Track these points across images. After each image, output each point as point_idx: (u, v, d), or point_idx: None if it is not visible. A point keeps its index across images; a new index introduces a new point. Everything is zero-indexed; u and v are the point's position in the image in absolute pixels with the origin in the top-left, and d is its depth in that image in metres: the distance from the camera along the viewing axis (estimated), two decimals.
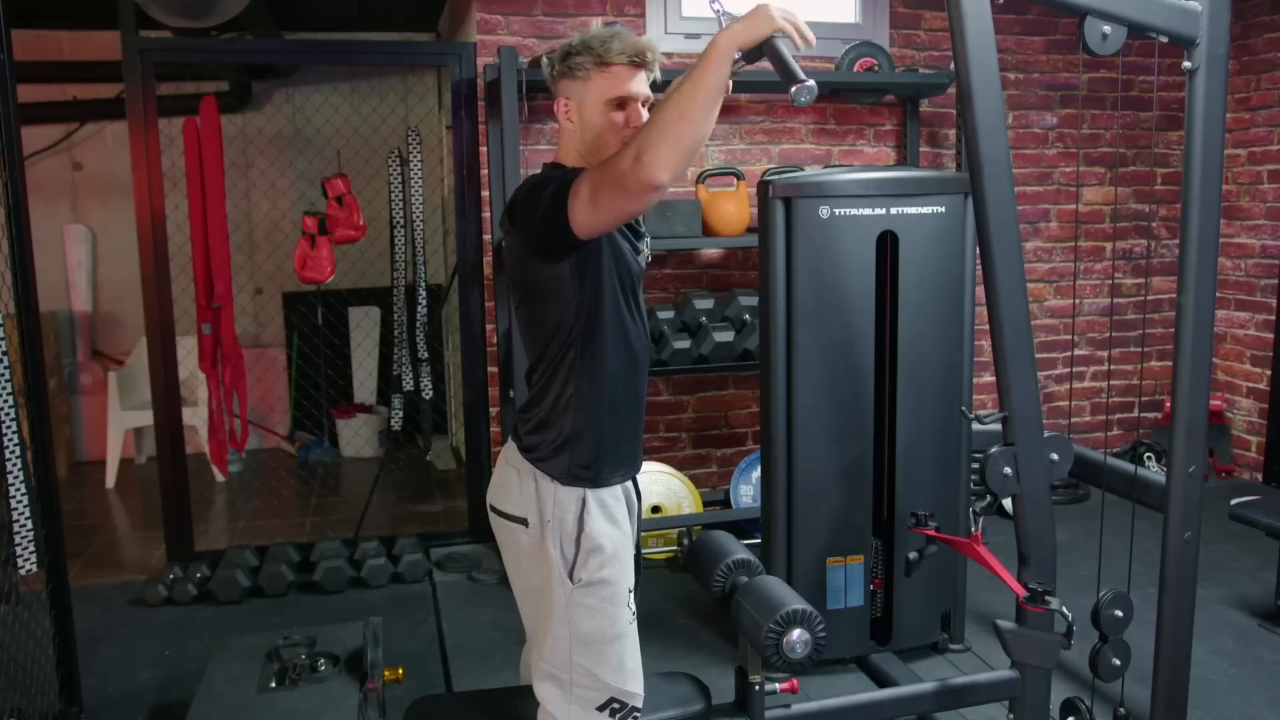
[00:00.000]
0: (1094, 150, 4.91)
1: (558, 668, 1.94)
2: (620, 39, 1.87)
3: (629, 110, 1.90)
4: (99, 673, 3.19)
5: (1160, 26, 2.20)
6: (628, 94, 1.88)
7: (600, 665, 1.93)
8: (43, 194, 5.61)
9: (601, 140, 1.90)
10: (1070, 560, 3.45)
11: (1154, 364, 5.15)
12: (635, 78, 1.89)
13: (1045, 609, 2.21)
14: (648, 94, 1.92)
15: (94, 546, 4.46)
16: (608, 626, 1.94)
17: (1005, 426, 2.24)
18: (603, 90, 1.88)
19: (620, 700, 1.95)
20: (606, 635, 1.93)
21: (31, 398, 2.78)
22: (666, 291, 4.40)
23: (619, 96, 1.88)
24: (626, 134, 1.88)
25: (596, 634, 1.93)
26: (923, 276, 3.02)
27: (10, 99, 2.66)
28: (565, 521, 1.92)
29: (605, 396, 1.93)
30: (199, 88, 5.25)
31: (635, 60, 1.88)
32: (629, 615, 1.96)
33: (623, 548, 1.97)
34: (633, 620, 1.98)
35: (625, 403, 1.97)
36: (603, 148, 1.89)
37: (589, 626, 1.93)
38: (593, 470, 1.93)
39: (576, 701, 1.94)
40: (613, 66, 1.87)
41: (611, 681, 1.94)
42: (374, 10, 5.36)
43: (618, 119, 1.90)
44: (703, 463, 4.55)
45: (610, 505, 1.96)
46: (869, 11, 4.49)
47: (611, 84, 1.88)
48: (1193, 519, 2.38)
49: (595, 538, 1.91)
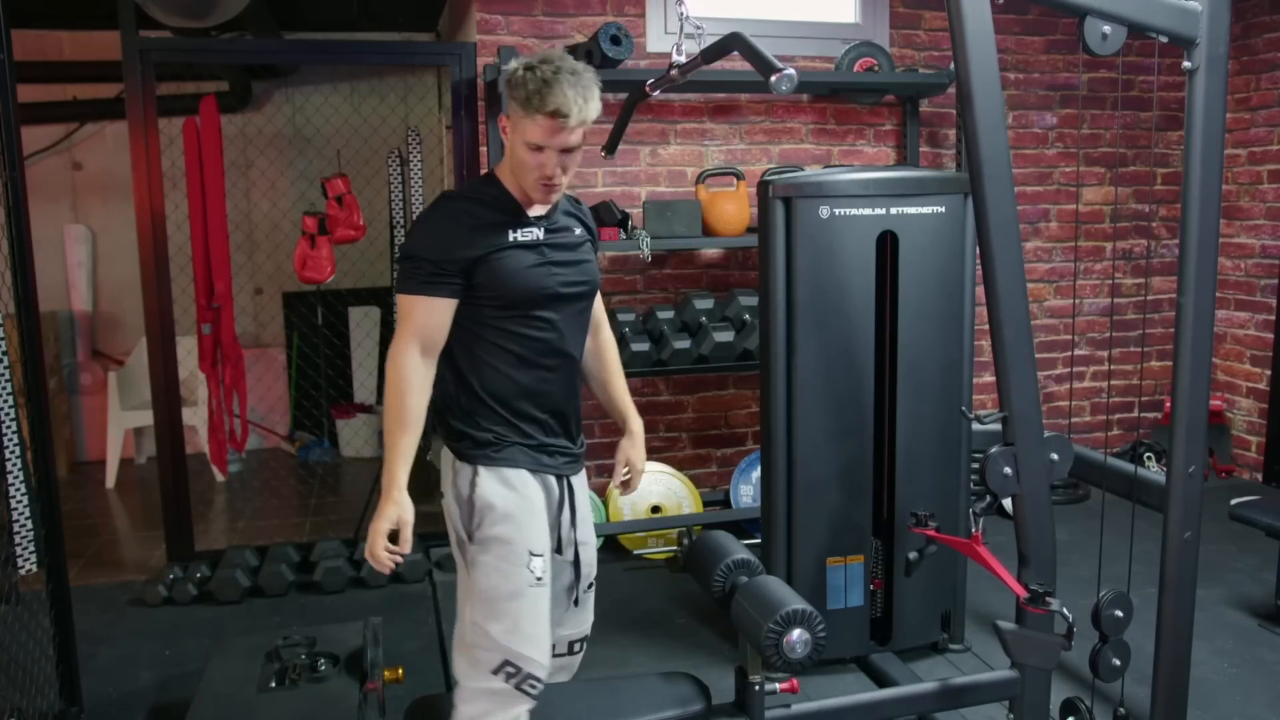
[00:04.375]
0: (1094, 150, 4.91)
1: (463, 631, 2.05)
2: (551, 94, 1.92)
3: (544, 157, 1.97)
4: (99, 673, 3.18)
5: (1160, 26, 2.20)
6: (545, 144, 1.96)
7: (494, 623, 2.01)
8: (43, 194, 5.61)
9: (521, 171, 2.02)
10: (1070, 560, 3.46)
11: (1154, 364, 5.15)
12: (557, 133, 1.94)
13: (1045, 609, 2.21)
14: (570, 144, 1.97)
15: (94, 546, 4.46)
16: (502, 583, 2.01)
17: (1005, 426, 2.24)
18: (526, 131, 1.97)
19: (515, 664, 2.01)
20: (501, 593, 2.01)
21: (31, 398, 2.78)
22: (667, 291, 4.40)
23: (536, 143, 1.96)
24: (540, 177, 2.00)
25: (491, 591, 2.02)
26: (923, 276, 3.02)
27: (10, 99, 2.66)
28: (461, 487, 2.08)
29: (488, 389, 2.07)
30: (199, 88, 5.25)
31: (568, 125, 1.94)
32: (529, 578, 2.02)
33: (521, 511, 2.06)
34: (535, 585, 2.03)
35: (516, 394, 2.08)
36: (521, 176, 2.02)
37: (484, 584, 2.02)
38: (483, 450, 2.07)
39: (475, 665, 2.03)
40: (536, 116, 1.94)
41: (504, 641, 2.00)
42: (374, 10, 5.36)
43: (531, 161, 1.98)
44: (703, 463, 4.55)
45: (509, 477, 2.08)
46: (869, 11, 4.49)
47: (532, 130, 1.96)
48: (1193, 519, 2.38)
49: (486, 497, 2.04)
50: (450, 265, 1.98)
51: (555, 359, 2.11)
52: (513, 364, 2.07)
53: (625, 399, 2.38)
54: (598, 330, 2.34)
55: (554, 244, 2.08)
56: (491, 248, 2.00)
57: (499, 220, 2.03)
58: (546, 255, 2.06)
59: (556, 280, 2.07)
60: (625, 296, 4.34)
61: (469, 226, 2.01)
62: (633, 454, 2.36)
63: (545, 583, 2.06)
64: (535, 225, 2.06)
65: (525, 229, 2.05)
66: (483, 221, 2.02)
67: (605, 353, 2.37)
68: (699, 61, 2.58)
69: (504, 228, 2.02)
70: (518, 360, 2.07)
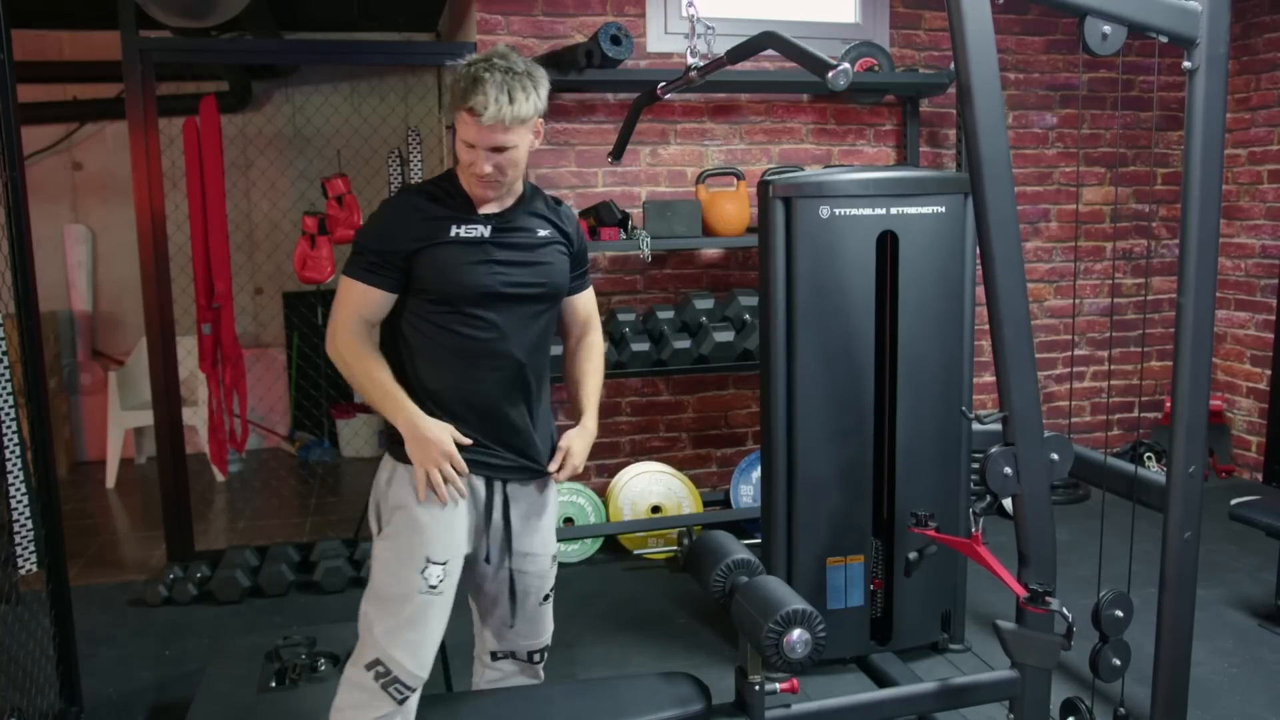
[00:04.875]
0: (1094, 150, 4.91)
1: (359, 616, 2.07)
2: (472, 91, 1.91)
3: (474, 154, 1.97)
4: (99, 673, 3.18)
5: (1160, 26, 2.20)
6: (473, 141, 1.96)
7: (379, 620, 2.03)
8: (43, 194, 5.61)
9: (459, 166, 2.03)
10: (1070, 560, 3.45)
11: (1154, 364, 5.15)
12: (490, 132, 1.93)
13: (1045, 609, 2.21)
14: (497, 143, 1.95)
15: (94, 546, 4.46)
16: (392, 583, 2.03)
17: (1005, 426, 2.24)
18: (460, 130, 1.98)
19: (385, 665, 2.02)
20: (390, 593, 2.03)
21: (31, 397, 2.78)
22: (667, 291, 4.40)
23: (465, 140, 1.97)
24: (470, 174, 1.99)
25: (383, 588, 2.04)
26: (923, 276, 3.02)
27: (10, 99, 2.66)
28: (380, 481, 2.10)
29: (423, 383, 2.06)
30: (199, 88, 5.25)
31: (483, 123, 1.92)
32: (421, 584, 2.01)
33: (428, 515, 2.03)
34: (427, 593, 2.02)
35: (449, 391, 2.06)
36: (463, 173, 2.03)
37: (378, 579, 2.05)
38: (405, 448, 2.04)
39: (357, 654, 2.06)
40: (461, 113, 1.95)
41: (381, 641, 2.02)
42: (374, 10, 5.36)
43: (464, 158, 1.99)
44: (703, 463, 4.55)
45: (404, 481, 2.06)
46: (869, 11, 4.49)
47: (462, 127, 1.97)
48: (1193, 519, 2.38)
49: (398, 496, 2.04)
50: (393, 257, 2.00)
51: (493, 360, 2.06)
52: (447, 360, 2.05)
53: (591, 398, 2.28)
54: (585, 334, 2.31)
55: (503, 243, 2.05)
56: (430, 241, 2.00)
57: (445, 214, 2.03)
58: (490, 253, 2.03)
59: (498, 279, 2.03)
60: (625, 296, 4.34)
61: (415, 219, 2.01)
62: (576, 442, 2.22)
63: (441, 591, 2.04)
64: (483, 222, 2.04)
65: (470, 225, 2.03)
66: (429, 215, 2.02)
67: (586, 352, 2.31)
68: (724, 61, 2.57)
69: (448, 222, 2.02)
70: (452, 357, 2.05)
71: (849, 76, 2.13)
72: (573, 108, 4.20)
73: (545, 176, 4.19)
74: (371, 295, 2.03)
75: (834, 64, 2.14)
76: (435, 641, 2.07)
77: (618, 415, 4.42)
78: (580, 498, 4.18)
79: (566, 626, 3.50)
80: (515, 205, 2.09)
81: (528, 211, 2.11)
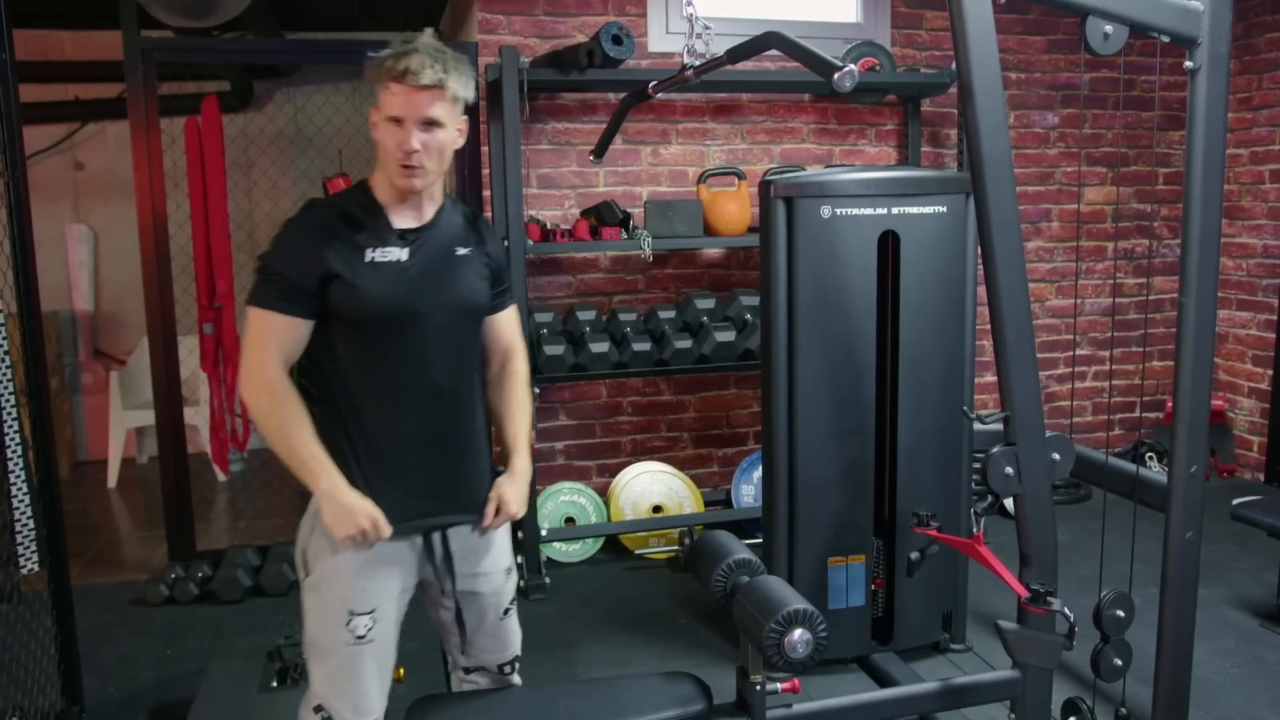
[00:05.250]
0: (1095, 150, 4.91)
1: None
2: (404, 56, 1.80)
3: (403, 132, 1.83)
4: (100, 672, 3.19)
5: (1162, 26, 2.19)
6: (402, 114, 1.83)
7: (314, 666, 1.99)
8: (44, 194, 5.61)
9: (384, 155, 1.87)
10: (1072, 560, 3.45)
11: (1155, 364, 5.15)
12: (416, 101, 1.82)
13: (1047, 609, 2.21)
14: (431, 116, 1.83)
15: (95, 546, 4.46)
16: (321, 636, 1.96)
17: (1007, 426, 2.24)
18: (385, 105, 1.84)
19: (327, 712, 1.99)
20: (321, 645, 1.96)
21: (33, 397, 2.78)
22: (668, 291, 4.40)
23: (393, 115, 1.83)
24: (398, 157, 1.84)
25: (312, 636, 1.98)
26: (924, 276, 3.02)
27: (12, 98, 2.66)
28: (303, 528, 2.00)
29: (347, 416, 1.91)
30: (200, 87, 5.25)
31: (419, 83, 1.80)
32: (348, 637, 1.92)
33: (348, 570, 1.92)
34: (355, 644, 1.93)
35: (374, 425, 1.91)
36: (386, 163, 1.88)
37: (308, 627, 1.98)
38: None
39: (308, 691, 2.02)
40: (393, 86, 1.82)
41: (319, 688, 1.99)
42: (375, 10, 5.36)
43: (390, 140, 1.85)
44: (704, 462, 4.55)
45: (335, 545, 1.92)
46: (870, 11, 4.49)
47: (388, 101, 1.84)
48: (1194, 519, 2.38)
49: (319, 548, 1.94)
50: (308, 282, 1.84)
51: (415, 388, 1.92)
52: (371, 391, 1.91)
53: (519, 436, 2.12)
54: (508, 360, 2.15)
55: (421, 263, 1.91)
56: (346, 267, 1.84)
57: (359, 235, 1.87)
58: (407, 275, 1.89)
59: (416, 302, 1.89)
60: (627, 296, 4.34)
61: (329, 241, 1.86)
62: (508, 490, 2.06)
63: (371, 639, 1.94)
64: (398, 242, 1.90)
65: (385, 247, 1.88)
66: (342, 236, 1.87)
67: (509, 383, 2.15)
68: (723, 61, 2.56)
69: (363, 245, 1.87)
70: (377, 386, 1.90)
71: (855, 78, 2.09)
72: (574, 107, 4.20)
73: (546, 176, 4.19)
74: (292, 326, 1.86)
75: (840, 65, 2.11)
76: (378, 683, 2.00)
77: (619, 415, 4.42)
78: (581, 497, 4.18)
79: (567, 626, 3.51)
80: (435, 218, 1.96)
81: (447, 226, 1.98)
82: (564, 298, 4.25)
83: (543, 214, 4.13)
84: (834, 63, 2.12)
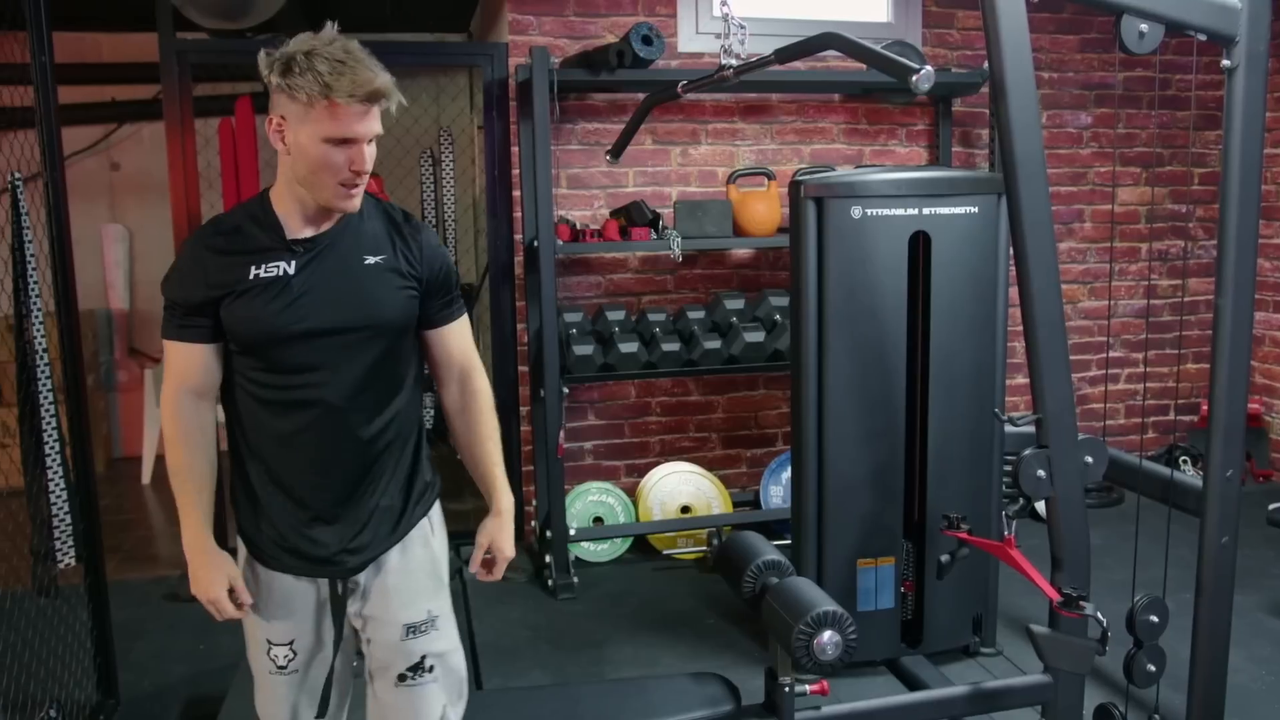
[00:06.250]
0: (1130, 150, 4.85)
1: None
2: (353, 75, 1.62)
3: (353, 151, 1.67)
4: (135, 666, 3.22)
5: (1199, 24, 2.17)
6: (353, 135, 1.66)
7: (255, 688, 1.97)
8: (81, 194, 5.67)
9: (317, 178, 1.69)
10: (1104, 564, 3.41)
11: (1190, 366, 5.09)
12: (365, 117, 1.66)
13: (1079, 614, 2.19)
14: (376, 130, 1.69)
15: (130, 541, 4.52)
16: (251, 658, 1.93)
17: (1039, 428, 2.22)
18: (324, 127, 1.64)
19: None
20: (252, 666, 1.94)
21: (70, 394, 2.82)
22: (697, 291, 4.39)
23: (343, 137, 1.65)
24: (346, 177, 1.68)
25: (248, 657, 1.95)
26: (955, 277, 3.00)
27: (51, 101, 2.70)
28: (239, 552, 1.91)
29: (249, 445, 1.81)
30: (234, 88, 5.30)
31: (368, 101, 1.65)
32: (269, 665, 1.88)
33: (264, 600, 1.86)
34: (276, 673, 1.88)
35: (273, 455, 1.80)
36: (318, 186, 1.69)
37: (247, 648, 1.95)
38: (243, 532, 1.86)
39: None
40: (339, 105, 1.63)
41: (257, 709, 1.97)
42: (406, 10, 5.39)
43: (338, 159, 1.66)
44: (732, 463, 4.55)
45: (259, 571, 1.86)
46: (901, 10, 4.47)
47: (336, 124, 1.64)
48: (1230, 523, 2.35)
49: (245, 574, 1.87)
50: (199, 307, 1.73)
51: (311, 413, 1.76)
52: (264, 419, 1.78)
53: (494, 470, 1.92)
54: (465, 380, 1.92)
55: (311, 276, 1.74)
56: (229, 288, 1.71)
57: (245, 253, 1.73)
58: (292, 291, 1.72)
59: (298, 320, 1.72)
60: (656, 296, 4.34)
61: (212, 264, 1.73)
62: (498, 536, 1.91)
63: (294, 669, 1.87)
64: (288, 256, 1.73)
65: (272, 263, 1.72)
66: (227, 258, 1.73)
67: (472, 409, 1.92)
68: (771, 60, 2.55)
69: (248, 263, 1.72)
70: (269, 415, 1.78)
71: (932, 79, 2.04)
72: (604, 108, 4.20)
73: (576, 176, 4.20)
74: (193, 355, 1.75)
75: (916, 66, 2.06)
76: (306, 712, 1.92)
77: (648, 415, 4.42)
78: (610, 497, 4.18)
79: (595, 625, 3.51)
80: (336, 226, 1.77)
81: (353, 232, 1.78)
82: (593, 298, 4.26)
83: (572, 214, 4.14)
84: (909, 64, 2.07)
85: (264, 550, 1.84)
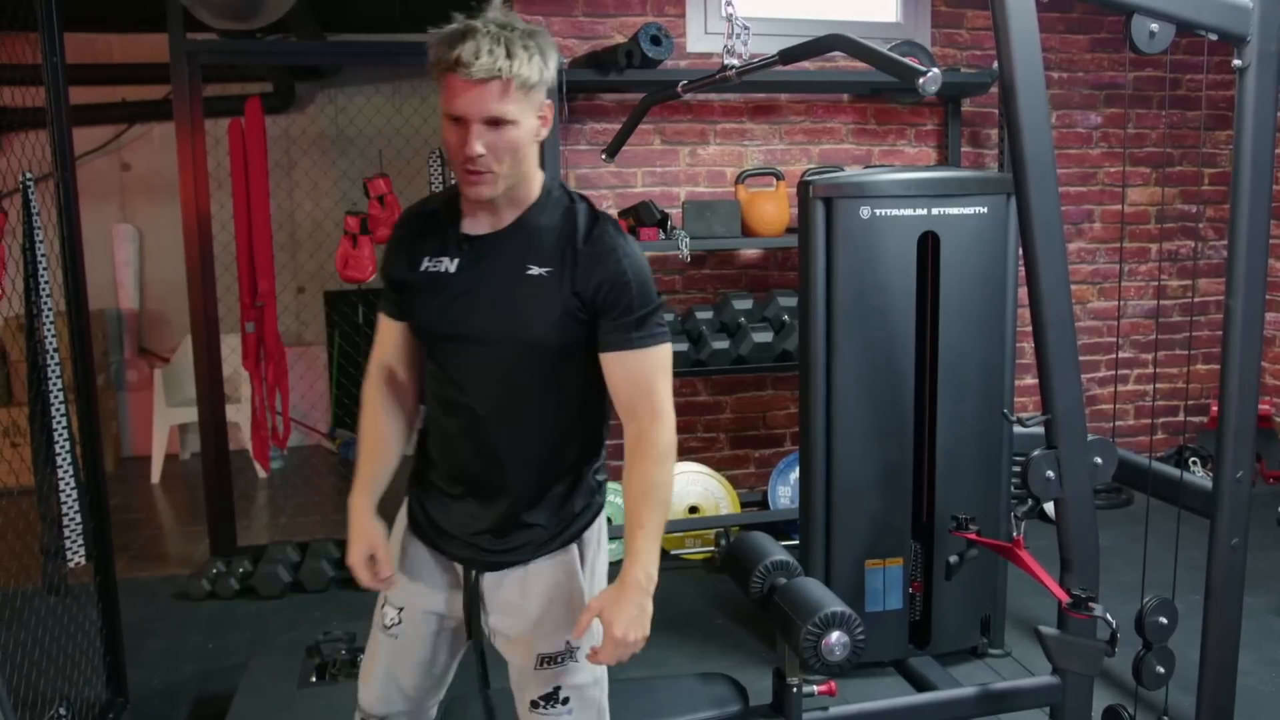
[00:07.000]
0: (1140, 150, 4.84)
1: None
2: (470, 46, 1.50)
3: (463, 131, 1.55)
4: (144, 664, 3.24)
5: (1210, 24, 2.16)
6: (461, 113, 1.54)
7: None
8: (92, 194, 5.69)
9: (450, 160, 1.60)
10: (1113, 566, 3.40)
11: (1200, 367, 5.07)
12: (480, 94, 1.52)
13: (1088, 615, 2.18)
14: (496, 114, 1.53)
15: (139, 540, 4.54)
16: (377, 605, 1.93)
17: (1048, 429, 2.22)
18: (443, 100, 1.56)
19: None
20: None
21: (80, 394, 2.83)
22: (705, 292, 4.39)
23: (452, 114, 1.56)
24: (459, 162, 1.57)
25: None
26: (964, 278, 3.00)
27: (63, 101, 2.71)
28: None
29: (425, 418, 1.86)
30: (244, 89, 5.32)
31: (475, 76, 1.50)
32: (380, 619, 1.88)
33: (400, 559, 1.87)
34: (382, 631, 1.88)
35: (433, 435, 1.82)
36: (455, 169, 1.60)
37: None
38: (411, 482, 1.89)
39: None
40: (447, 77, 1.53)
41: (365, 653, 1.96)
42: (416, 11, 5.39)
43: (453, 140, 1.57)
44: (740, 463, 4.54)
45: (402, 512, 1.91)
46: (910, 10, 4.46)
47: (447, 98, 1.55)
48: (1240, 525, 2.34)
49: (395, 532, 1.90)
50: (394, 284, 1.76)
51: (462, 417, 1.73)
52: (434, 404, 1.80)
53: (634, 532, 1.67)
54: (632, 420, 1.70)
55: (467, 275, 1.67)
56: (408, 274, 1.72)
57: (425, 242, 1.72)
58: (447, 290, 1.67)
59: (453, 319, 1.68)
60: (664, 296, 4.33)
61: (403, 246, 1.75)
62: (610, 607, 1.62)
63: (395, 635, 1.84)
64: (455, 253, 1.68)
65: (439, 257, 1.69)
66: (414, 243, 1.73)
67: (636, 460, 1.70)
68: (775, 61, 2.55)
69: (422, 254, 1.71)
70: (434, 403, 1.79)
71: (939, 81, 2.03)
72: (612, 108, 4.20)
73: (585, 177, 4.20)
74: (386, 329, 1.80)
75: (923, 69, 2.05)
76: (388, 681, 1.88)
77: None
78: (618, 497, 4.18)
79: None
80: (512, 226, 1.67)
81: (526, 236, 1.67)
82: None
83: None
84: (915, 67, 2.05)
85: (414, 512, 1.87)
